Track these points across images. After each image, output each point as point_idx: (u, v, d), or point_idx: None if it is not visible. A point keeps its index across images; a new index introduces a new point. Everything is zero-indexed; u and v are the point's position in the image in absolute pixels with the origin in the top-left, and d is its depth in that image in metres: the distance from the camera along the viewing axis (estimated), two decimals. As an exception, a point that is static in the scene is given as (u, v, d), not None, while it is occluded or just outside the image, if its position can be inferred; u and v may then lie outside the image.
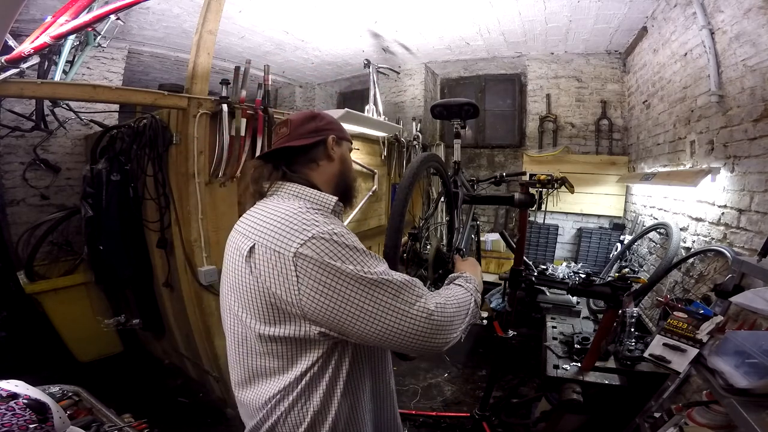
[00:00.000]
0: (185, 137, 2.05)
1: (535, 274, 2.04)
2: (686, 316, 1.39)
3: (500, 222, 4.54)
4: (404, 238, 1.26)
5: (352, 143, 1.02)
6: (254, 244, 0.73)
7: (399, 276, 0.72)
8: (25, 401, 0.91)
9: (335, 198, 0.88)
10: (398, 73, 4.30)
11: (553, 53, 4.11)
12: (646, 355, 1.48)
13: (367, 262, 0.70)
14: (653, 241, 2.80)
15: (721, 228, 1.91)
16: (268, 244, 0.70)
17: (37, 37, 2.05)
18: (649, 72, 3.11)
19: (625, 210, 3.81)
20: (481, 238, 3.49)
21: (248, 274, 0.73)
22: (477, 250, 3.18)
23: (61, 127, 3.21)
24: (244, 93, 2.19)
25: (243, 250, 0.75)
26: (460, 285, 0.89)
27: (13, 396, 0.92)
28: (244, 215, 0.86)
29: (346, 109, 2.65)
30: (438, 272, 1.34)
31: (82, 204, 2.33)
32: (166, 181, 2.19)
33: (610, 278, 2.05)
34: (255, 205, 0.86)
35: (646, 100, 3.18)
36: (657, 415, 1.60)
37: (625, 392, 1.68)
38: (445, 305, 0.75)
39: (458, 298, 0.82)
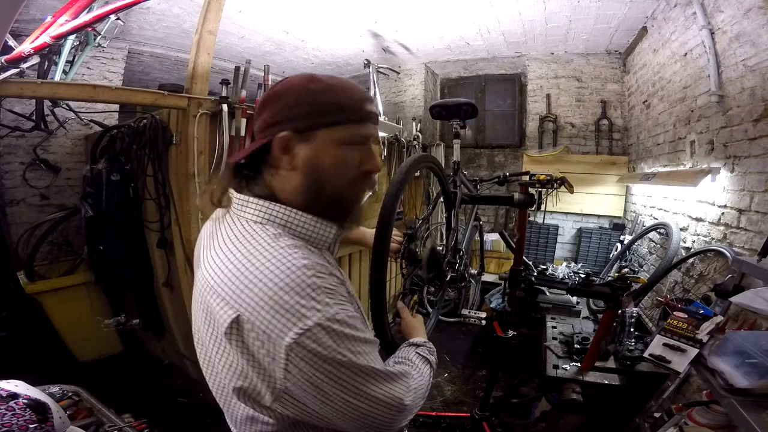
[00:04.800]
0: (185, 137, 2.05)
1: (535, 274, 2.04)
2: (686, 316, 1.39)
3: (500, 222, 4.54)
4: (400, 238, 1.25)
5: (366, 121, 0.69)
6: (238, 316, 0.57)
7: (391, 368, 0.67)
8: (25, 401, 0.91)
9: (333, 229, 0.70)
10: (398, 73, 4.30)
11: (553, 53, 4.11)
12: (646, 355, 1.48)
13: (363, 351, 0.61)
14: (653, 241, 2.80)
15: (721, 228, 1.91)
16: (256, 321, 0.56)
17: (37, 37, 2.06)
18: (649, 72, 3.11)
19: (625, 210, 3.81)
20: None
21: (223, 343, 0.59)
22: (480, 250, 3.19)
23: (61, 127, 3.21)
24: (244, 93, 2.19)
25: (220, 318, 0.58)
26: (426, 360, 0.81)
27: (13, 396, 0.92)
28: (211, 246, 0.66)
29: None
30: (433, 272, 1.33)
31: (82, 204, 2.33)
32: (166, 181, 2.19)
33: (609, 278, 2.05)
34: (220, 230, 0.67)
35: (646, 100, 3.18)
36: (657, 415, 1.60)
37: (625, 392, 1.68)
38: (416, 392, 0.69)
39: (425, 381, 0.76)
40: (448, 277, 1.42)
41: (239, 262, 0.60)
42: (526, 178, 1.92)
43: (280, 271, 0.57)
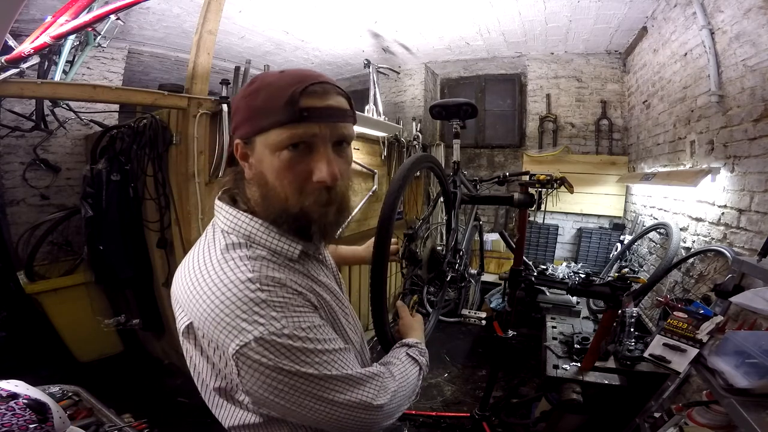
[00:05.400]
0: (185, 137, 2.05)
1: (535, 274, 2.03)
2: (686, 316, 1.39)
3: (500, 222, 4.54)
4: (398, 239, 1.25)
5: (305, 120, 0.59)
6: (192, 322, 0.59)
7: (357, 372, 0.64)
8: (25, 401, 0.91)
9: (297, 245, 0.66)
10: (398, 73, 4.30)
11: (553, 53, 4.11)
12: (646, 355, 1.48)
13: (321, 361, 0.59)
14: (653, 241, 2.80)
15: (721, 228, 1.91)
16: (205, 330, 0.58)
17: (37, 37, 2.06)
18: (649, 72, 3.11)
19: (625, 210, 3.81)
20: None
21: (189, 344, 0.63)
22: (480, 250, 3.19)
23: (61, 127, 3.21)
24: (244, 93, 2.19)
25: (179, 322, 0.62)
26: (415, 361, 0.81)
27: (13, 396, 0.92)
28: (188, 255, 0.68)
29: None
30: (433, 272, 1.33)
31: (82, 204, 2.33)
32: (166, 181, 2.19)
33: (609, 278, 2.05)
34: (203, 234, 0.70)
35: (646, 100, 3.18)
36: (657, 415, 1.60)
37: (624, 392, 1.68)
38: (396, 393, 0.68)
39: (410, 381, 0.75)
40: (448, 277, 1.42)
41: (192, 272, 0.61)
42: (526, 178, 1.92)
43: (222, 285, 0.57)
